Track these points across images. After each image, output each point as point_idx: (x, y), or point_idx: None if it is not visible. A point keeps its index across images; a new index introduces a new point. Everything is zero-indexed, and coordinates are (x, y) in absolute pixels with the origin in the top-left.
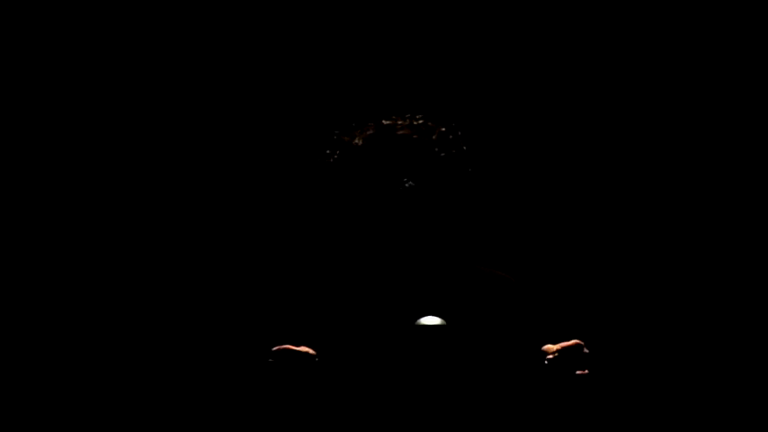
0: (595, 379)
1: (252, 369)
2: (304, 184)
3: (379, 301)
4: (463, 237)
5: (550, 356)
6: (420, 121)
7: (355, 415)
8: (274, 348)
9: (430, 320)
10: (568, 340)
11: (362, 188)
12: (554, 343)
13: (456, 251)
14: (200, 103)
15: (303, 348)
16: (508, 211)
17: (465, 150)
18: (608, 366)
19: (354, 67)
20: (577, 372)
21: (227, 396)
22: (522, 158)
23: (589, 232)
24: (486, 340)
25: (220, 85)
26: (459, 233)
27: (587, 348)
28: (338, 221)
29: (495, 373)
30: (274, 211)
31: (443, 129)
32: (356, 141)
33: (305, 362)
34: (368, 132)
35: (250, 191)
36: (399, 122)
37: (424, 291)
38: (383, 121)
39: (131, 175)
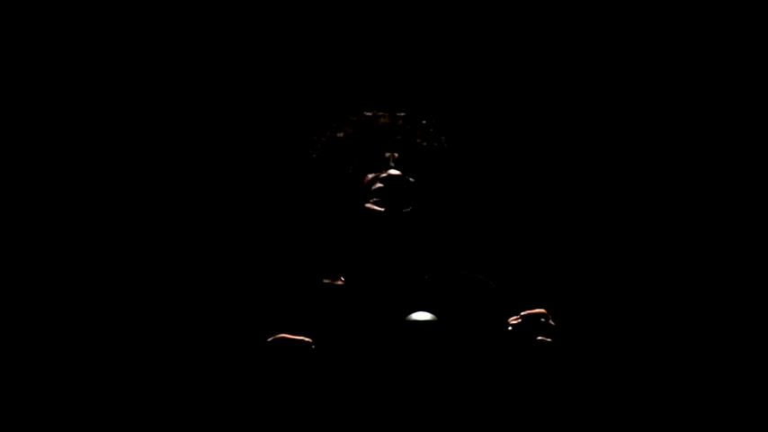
0: (561, 350)
1: (249, 358)
2: (292, 179)
3: (363, 295)
4: (444, 229)
5: (513, 322)
6: (401, 114)
7: (350, 405)
8: (270, 338)
9: (420, 316)
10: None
11: (345, 178)
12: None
13: (437, 247)
14: (187, 103)
15: (300, 337)
16: (490, 206)
17: (446, 143)
18: (579, 346)
19: (335, 67)
20: (539, 338)
21: (224, 387)
22: (505, 153)
23: (572, 228)
24: (466, 339)
25: (205, 86)
26: (440, 226)
27: (553, 321)
28: (324, 214)
29: (477, 370)
30: (265, 207)
31: (424, 122)
32: (339, 134)
33: (302, 349)
34: (349, 125)
35: (241, 185)
36: (380, 114)
37: (406, 286)
38: (365, 113)
39: (121, 171)
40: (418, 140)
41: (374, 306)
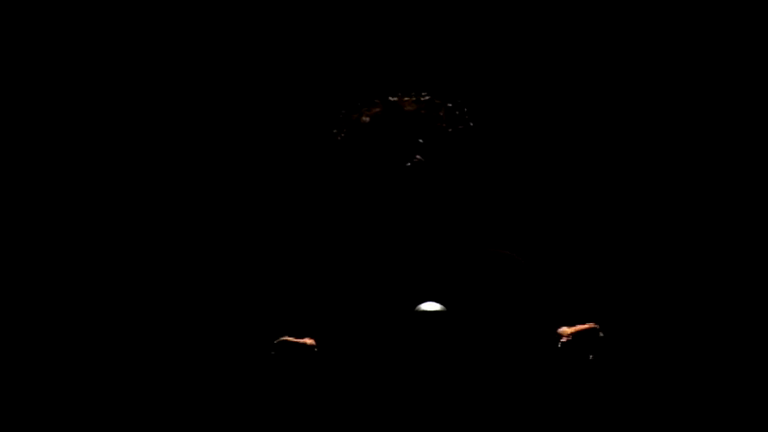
0: (608, 363)
1: (254, 361)
2: (312, 163)
3: (387, 283)
4: (471, 214)
5: (564, 339)
6: (426, 98)
7: (357, 405)
8: (276, 341)
9: (429, 306)
10: (582, 323)
11: (371, 165)
12: (568, 325)
13: (464, 229)
14: (205, 84)
15: (304, 340)
16: (516, 188)
17: (472, 126)
18: (621, 351)
19: (360, 45)
20: (591, 356)
21: (230, 388)
22: (531, 134)
23: (599, 208)
24: (494, 321)
25: (227, 65)
26: (467, 210)
27: (602, 332)
28: (346, 200)
29: (504, 357)
30: (281, 196)
31: (450, 105)
32: (364, 119)
33: (305, 353)
34: (375, 110)
35: (256, 173)
36: (406, 99)
37: (432, 270)
38: (390, 98)
39: (127, 158)
40: (443, 125)
41: (395, 288)
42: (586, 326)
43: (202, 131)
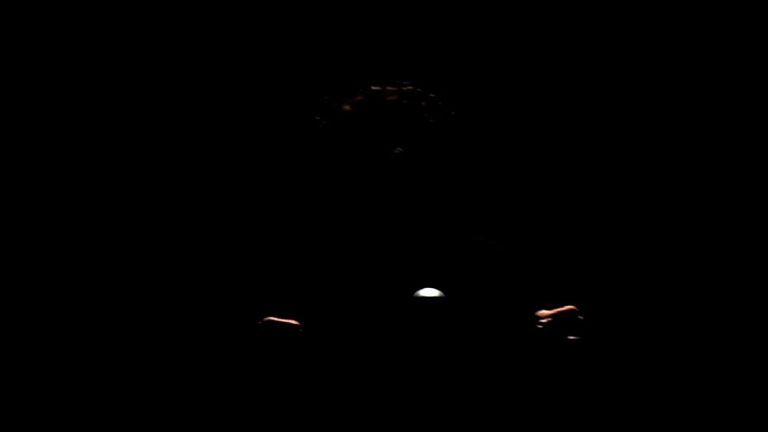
0: (588, 346)
1: (239, 341)
2: (293, 151)
3: (368, 270)
4: (453, 204)
5: (544, 321)
6: (409, 87)
7: (341, 386)
8: (261, 321)
9: (428, 292)
10: (561, 306)
11: (351, 154)
12: (548, 309)
13: (446, 218)
14: (188, 72)
15: (288, 320)
16: (498, 177)
17: (454, 116)
18: (601, 333)
19: (343, 32)
20: (570, 337)
21: (216, 370)
22: (512, 123)
23: (580, 197)
24: (475, 308)
25: (208, 51)
26: (449, 200)
27: (582, 315)
28: (327, 189)
29: (485, 342)
30: (263, 181)
31: (432, 95)
32: (345, 107)
33: (289, 333)
34: (357, 98)
35: (237, 159)
36: (389, 88)
37: (414, 259)
38: (372, 87)
39: (106, 141)
40: (425, 115)
41: (375, 275)
42: (565, 308)
43: (186, 118)
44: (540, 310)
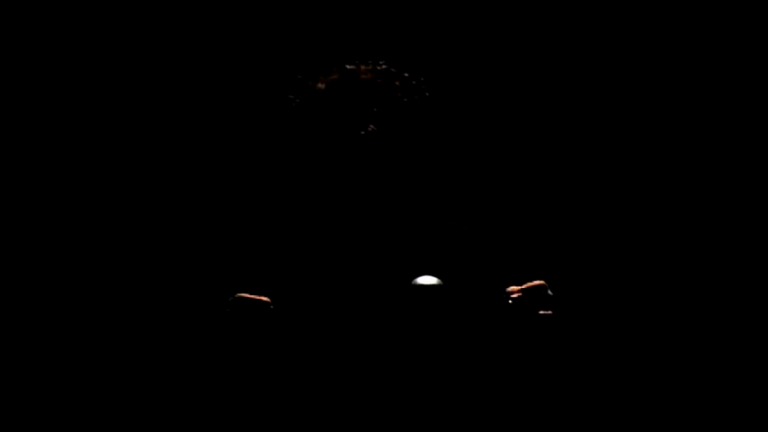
0: (559, 321)
1: (211, 317)
2: (268, 130)
3: (339, 250)
4: (425, 185)
5: (515, 296)
6: (383, 67)
7: (310, 365)
8: (231, 297)
9: (426, 280)
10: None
11: (325, 133)
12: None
13: (418, 200)
14: (163, 51)
15: (260, 297)
16: (470, 159)
17: (428, 96)
18: (572, 311)
19: (318, 11)
20: (540, 312)
21: (186, 346)
22: (487, 105)
23: (553, 176)
24: (452, 292)
25: (184, 29)
26: (422, 181)
27: (551, 291)
28: (302, 167)
29: (464, 325)
30: (238, 160)
31: (407, 74)
32: (319, 86)
33: (259, 309)
34: (331, 77)
35: (213, 139)
36: (363, 67)
37: (386, 240)
38: (346, 66)
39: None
40: (399, 94)
41: (346, 255)
42: (535, 283)
43: (162, 97)
44: (510, 286)
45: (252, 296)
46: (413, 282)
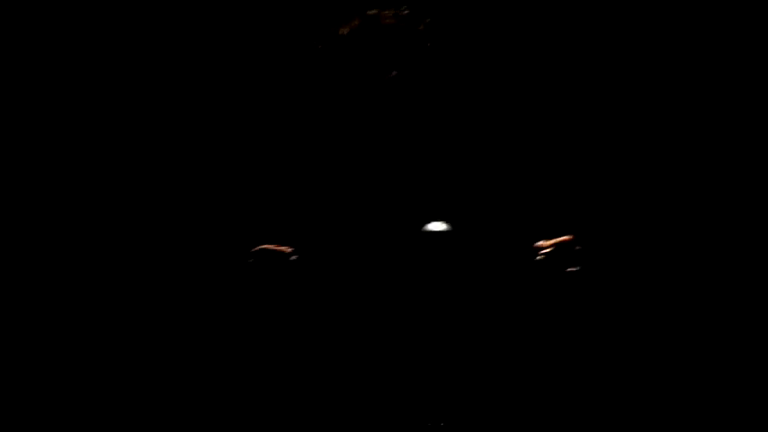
0: (586, 276)
1: (234, 268)
2: (292, 76)
3: (363, 197)
4: (447, 128)
5: (545, 251)
6: (406, 12)
7: (331, 314)
8: (254, 248)
9: (436, 226)
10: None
11: (348, 79)
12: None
13: (440, 143)
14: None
15: (282, 248)
16: (494, 104)
17: (452, 41)
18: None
19: None
20: (569, 269)
21: (208, 301)
22: (509, 49)
23: (572, 123)
24: (473, 240)
25: None
26: (444, 124)
27: (579, 245)
28: (325, 114)
29: (485, 275)
30: (262, 108)
31: (429, 20)
32: (342, 32)
33: (280, 260)
34: (354, 23)
35: (237, 87)
36: (385, 13)
37: (409, 186)
38: (369, 12)
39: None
40: (422, 40)
41: (372, 201)
42: (563, 238)
43: (189, 46)
44: (538, 241)
45: (274, 247)
46: (423, 228)
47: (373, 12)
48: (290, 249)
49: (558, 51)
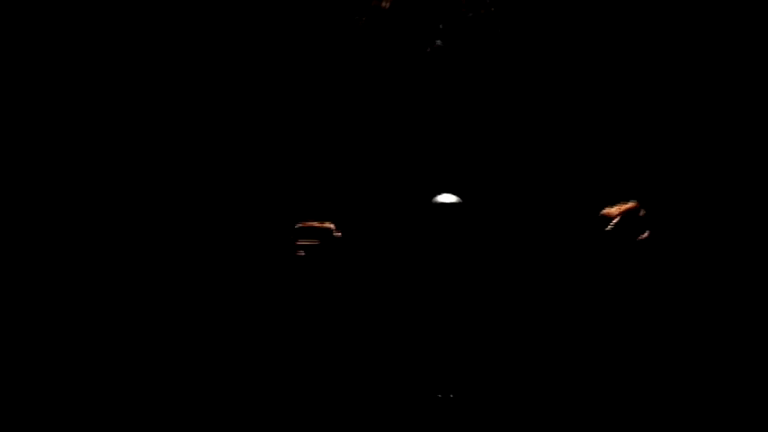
0: (655, 243)
1: (276, 246)
2: (333, 49)
3: (407, 172)
4: (492, 102)
5: (615, 221)
6: None
7: (374, 293)
8: (297, 225)
9: (447, 198)
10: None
11: (392, 50)
12: (610, 205)
13: (486, 117)
14: None
15: (324, 224)
16: (539, 76)
17: (495, 12)
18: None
19: None
20: (641, 236)
21: (249, 280)
22: (553, 21)
23: (620, 90)
24: (510, 215)
25: None
26: (489, 97)
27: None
28: (368, 87)
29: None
30: (303, 84)
31: None
32: (384, 4)
33: (324, 236)
34: None
35: (276, 62)
36: None
37: (453, 160)
38: None
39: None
40: (464, 9)
41: (411, 176)
42: (630, 204)
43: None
44: (604, 209)
45: (316, 224)
46: (433, 200)
47: None
48: (332, 225)
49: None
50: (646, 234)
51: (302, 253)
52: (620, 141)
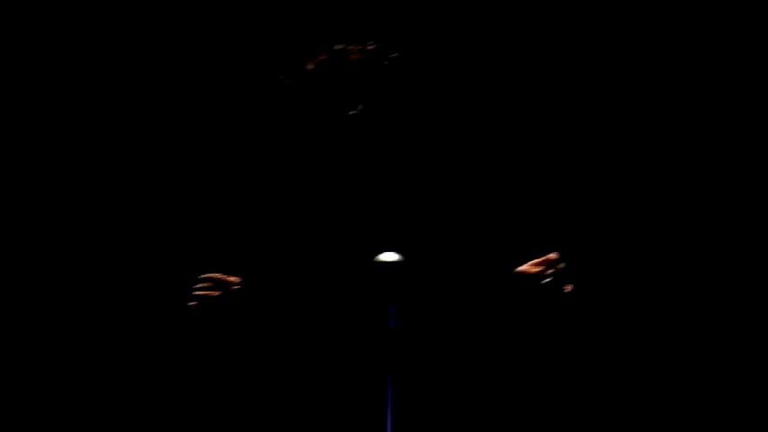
0: (581, 292)
1: (180, 298)
2: (257, 110)
3: (327, 229)
4: (412, 162)
5: (546, 276)
6: (372, 47)
7: (280, 344)
8: (201, 276)
9: (388, 257)
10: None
11: (314, 112)
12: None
13: (405, 177)
14: (158, 30)
15: (229, 278)
16: (459, 139)
17: (417, 77)
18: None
19: None
20: (566, 288)
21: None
22: (474, 85)
23: (545, 153)
24: (439, 270)
25: (176, 16)
26: (409, 158)
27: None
28: (290, 146)
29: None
30: (225, 140)
31: (395, 55)
32: (309, 66)
33: (224, 288)
34: (320, 57)
35: (201, 119)
36: (351, 48)
37: (373, 218)
38: (335, 47)
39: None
40: (388, 75)
41: (334, 234)
42: (551, 256)
43: (153, 79)
44: (521, 266)
45: (221, 276)
46: (374, 258)
47: (340, 47)
48: (237, 279)
49: (520, 88)
50: (569, 287)
51: (195, 303)
52: (540, 198)
